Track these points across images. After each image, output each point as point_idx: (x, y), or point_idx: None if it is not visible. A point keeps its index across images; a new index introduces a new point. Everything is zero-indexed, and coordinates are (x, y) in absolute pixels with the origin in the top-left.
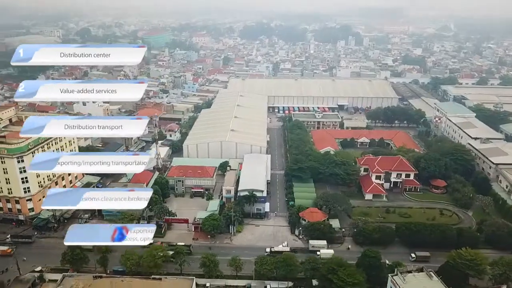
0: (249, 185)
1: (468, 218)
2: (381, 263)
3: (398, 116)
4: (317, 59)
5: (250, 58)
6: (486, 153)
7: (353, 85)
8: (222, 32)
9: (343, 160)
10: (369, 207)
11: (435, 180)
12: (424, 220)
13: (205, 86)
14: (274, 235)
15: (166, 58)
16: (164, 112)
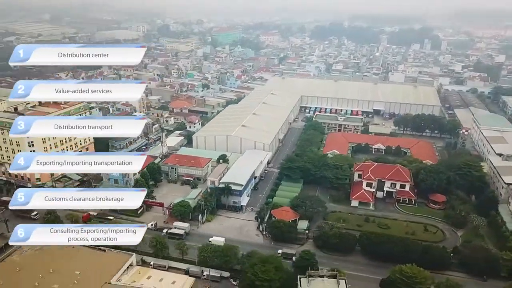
0: (230, 178)
1: (455, 237)
2: (318, 266)
3: (428, 125)
4: (376, 61)
5: (308, 58)
6: (501, 171)
7: (395, 90)
8: (294, 31)
9: (336, 163)
10: (351, 213)
11: (434, 195)
12: (403, 233)
13: (247, 83)
14: (241, 228)
15: (223, 55)
16: (194, 105)
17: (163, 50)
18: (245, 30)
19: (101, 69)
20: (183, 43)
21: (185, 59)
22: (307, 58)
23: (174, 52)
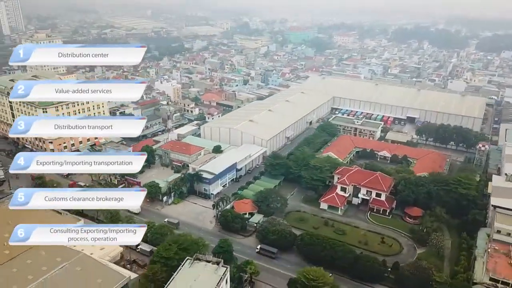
0: (206, 167)
1: (412, 254)
2: (232, 256)
3: (452, 137)
4: (443, 68)
5: (368, 61)
6: (496, 191)
7: (438, 98)
8: (376, 33)
9: (315, 164)
10: (314, 215)
11: (410, 208)
12: (355, 242)
13: (289, 82)
14: (200, 214)
15: (282, 53)
16: (223, 98)
17: (231, 46)
18: (321, 30)
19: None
20: (252, 40)
21: (240, 56)
22: (369, 60)
23: (240, 48)
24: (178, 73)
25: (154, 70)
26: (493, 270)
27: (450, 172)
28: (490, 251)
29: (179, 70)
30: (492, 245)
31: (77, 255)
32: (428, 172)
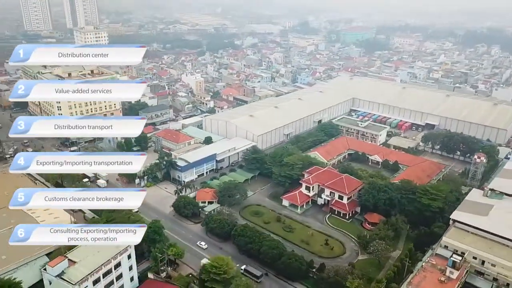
0: (186, 156)
1: (353, 259)
2: (162, 237)
3: (457, 146)
4: (498, 74)
5: (413, 64)
6: (464, 205)
7: (465, 105)
8: (443, 35)
9: (287, 161)
10: (272, 210)
11: (370, 214)
12: (298, 240)
13: (318, 81)
14: (164, 198)
15: (326, 52)
16: (242, 94)
17: (281, 44)
18: (383, 31)
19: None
20: (305, 39)
21: (278, 53)
22: (414, 64)
23: (289, 46)
24: (211, 68)
25: (191, 64)
26: (417, 285)
27: (438, 182)
28: (424, 265)
29: (213, 65)
30: (431, 260)
31: (27, 219)
32: (414, 180)
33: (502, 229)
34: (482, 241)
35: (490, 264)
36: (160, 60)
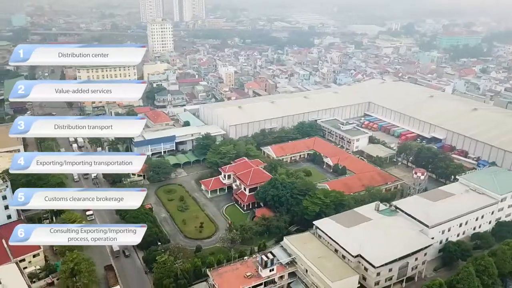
0: (150, 134)
1: (211, 243)
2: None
3: (427, 163)
4: None
5: (498, 76)
6: (341, 214)
7: (489, 120)
8: None
9: (221, 150)
10: (187, 191)
11: (261, 209)
12: (180, 220)
13: (355, 82)
14: None
15: (393, 55)
16: (262, 88)
17: (363, 45)
18: (495, 37)
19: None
20: (390, 41)
21: (337, 52)
22: (485, 75)
23: (367, 47)
24: (260, 62)
25: (244, 57)
26: (221, 273)
27: (371, 195)
28: (248, 259)
29: (262, 59)
30: (259, 256)
31: None
32: (340, 186)
33: (348, 242)
34: (322, 250)
35: (310, 273)
36: (217, 52)
